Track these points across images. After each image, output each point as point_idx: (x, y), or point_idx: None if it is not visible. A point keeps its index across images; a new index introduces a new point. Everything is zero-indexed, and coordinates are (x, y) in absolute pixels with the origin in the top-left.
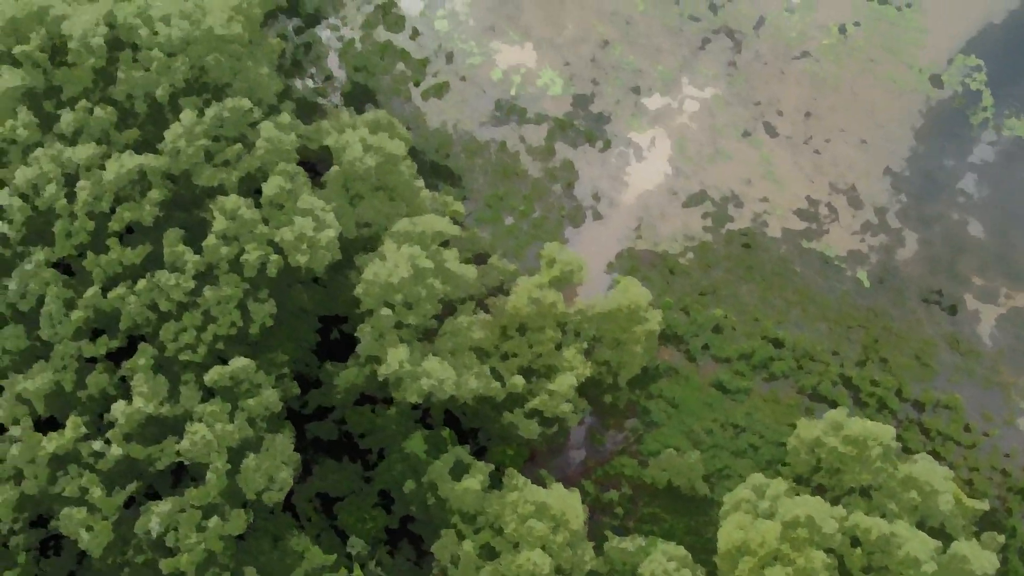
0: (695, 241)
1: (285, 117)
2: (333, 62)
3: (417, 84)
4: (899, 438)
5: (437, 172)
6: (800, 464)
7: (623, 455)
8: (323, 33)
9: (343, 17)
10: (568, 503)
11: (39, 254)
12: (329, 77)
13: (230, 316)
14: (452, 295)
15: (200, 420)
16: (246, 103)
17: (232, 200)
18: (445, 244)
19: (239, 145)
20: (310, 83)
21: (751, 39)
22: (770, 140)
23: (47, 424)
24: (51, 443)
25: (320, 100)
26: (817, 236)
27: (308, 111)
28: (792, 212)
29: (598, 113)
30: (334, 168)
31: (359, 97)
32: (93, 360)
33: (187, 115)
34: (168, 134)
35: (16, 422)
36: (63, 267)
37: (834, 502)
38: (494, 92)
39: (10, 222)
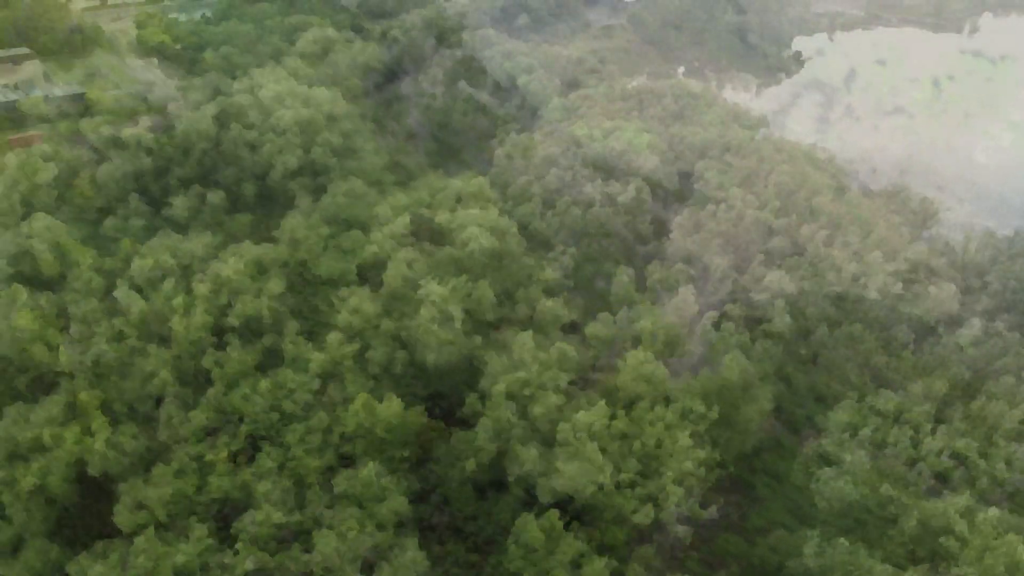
0: (792, 304)
1: (400, 197)
2: (413, 118)
3: (501, 141)
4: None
5: (525, 234)
6: (921, 547)
7: (728, 532)
8: (404, 89)
9: (424, 72)
10: None
11: (157, 354)
12: (413, 135)
13: (356, 417)
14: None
15: (329, 526)
16: (360, 185)
17: (356, 294)
18: None
19: (357, 232)
20: (391, 140)
21: (842, 93)
22: (864, 198)
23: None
24: (179, 556)
25: (403, 159)
26: (916, 298)
27: (393, 170)
28: (890, 274)
29: (686, 170)
30: (447, 248)
31: (442, 155)
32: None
33: (303, 201)
34: (285, 223)
35: (138, 532)
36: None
37: None
38: (579, 148)
39: (125, 317)
